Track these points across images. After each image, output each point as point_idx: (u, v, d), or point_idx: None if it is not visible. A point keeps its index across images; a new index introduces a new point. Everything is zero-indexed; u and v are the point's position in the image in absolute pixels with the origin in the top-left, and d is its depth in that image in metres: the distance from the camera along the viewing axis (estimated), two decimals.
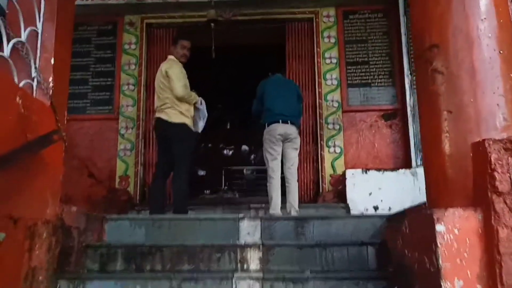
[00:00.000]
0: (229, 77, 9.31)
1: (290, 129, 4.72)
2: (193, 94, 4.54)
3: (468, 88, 2.18)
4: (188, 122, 4.46)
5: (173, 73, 4.41)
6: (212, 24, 4.96)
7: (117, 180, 5.82)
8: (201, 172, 10.63)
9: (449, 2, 2.29)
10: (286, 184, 4.72)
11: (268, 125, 4.74)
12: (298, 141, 4.84)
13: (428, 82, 2.31)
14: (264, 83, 4.94)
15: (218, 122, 10.18)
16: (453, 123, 2.19)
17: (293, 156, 4.79)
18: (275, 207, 4.60)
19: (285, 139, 4.72)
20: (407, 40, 5.86)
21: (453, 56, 2.24)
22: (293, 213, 4.60)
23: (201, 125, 4.66)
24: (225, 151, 11.19)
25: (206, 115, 4.69)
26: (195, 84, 4.63)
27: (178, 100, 4.42)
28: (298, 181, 4.83)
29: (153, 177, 4.71)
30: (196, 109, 4.62)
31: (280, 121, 4.68)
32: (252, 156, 11.00)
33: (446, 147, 2.20)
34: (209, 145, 10.59)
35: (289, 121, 4.71)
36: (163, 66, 4.54)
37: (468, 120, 2.16)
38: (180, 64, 4.55)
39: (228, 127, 11.18)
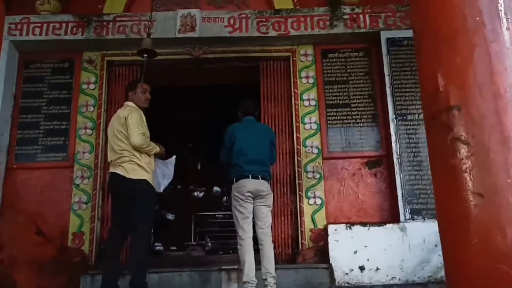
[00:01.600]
0: (199, 116, 8.79)
1: (262, 186, 4.17)
2: (153, 144, 3.97)
3: (503, 164, 1.68)
4: (149, 178, 3.86)
5: (131, 119, 3.87)
6: (145, 55, 4.42)
7: (70, 237, 5.06)
8: (170, 216, 9.92)
9: (471, 52, 1.80)
10: (260, 247, 4.13)
11: (236, 181, 4.17)
12: (271, 197, 4.28)
13: (447, 153, 1.80)
14: (233, 129, 4.35)
15: (188, 162, 9.57)
16: (485, 210, 1.67)
17: (266, 215, 4.22)
18: (249, 273, 3.99)
19: (256, 196, 4.16)
20: (391, 81, 5.43)
21: (480, 122, 1.74)
22: (270, 279, 4.02)
23: (163, 184, 4.08)
24: (195, 193, 10.51)
25: (172, 177, 4.12)
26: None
27: (137, 151, 3.84)
28: (273, 241, 4.25)
29: (106, 242, 4.02)
30: (161, 163, 4.06)
31: (250, 176, 4.12)
32: (225, 198, 10.37)
33: (476, 241, 1.67)
34: (178, 186, 9.92)
35: (260, 176, 4.16)
36: (121, 113, 3.98)
37: (506, 206, 1.64)
38: (141, 111, 4.01)
39: (199, 167, 10.55)
